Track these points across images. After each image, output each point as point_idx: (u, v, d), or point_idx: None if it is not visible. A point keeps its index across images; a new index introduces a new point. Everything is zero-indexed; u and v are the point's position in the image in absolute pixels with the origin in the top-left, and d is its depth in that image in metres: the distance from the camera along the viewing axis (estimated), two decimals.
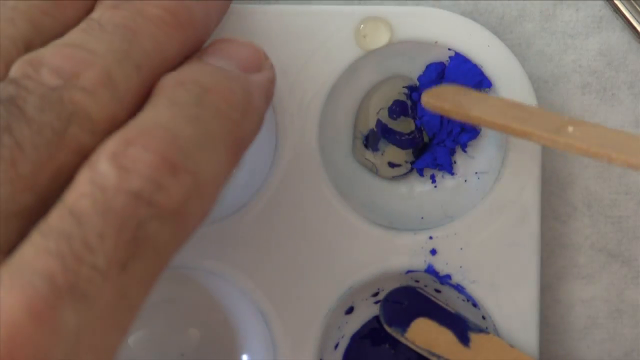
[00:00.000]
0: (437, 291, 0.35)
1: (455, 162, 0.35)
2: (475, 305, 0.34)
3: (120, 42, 0.25)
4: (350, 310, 0.35)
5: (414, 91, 0.35)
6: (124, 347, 0.34)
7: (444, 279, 0.34)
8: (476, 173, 0.35)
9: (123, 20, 0.25)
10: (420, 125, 0.35)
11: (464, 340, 0.33)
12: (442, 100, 0.32)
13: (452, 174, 0.35)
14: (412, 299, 0.34)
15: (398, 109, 0.34)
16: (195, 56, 0.27)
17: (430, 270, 0.34)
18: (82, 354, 0.21)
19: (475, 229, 0.33)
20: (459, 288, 0.34)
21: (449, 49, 0.33)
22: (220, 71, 0.26)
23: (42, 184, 0.22)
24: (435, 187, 0.35)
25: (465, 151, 0.35)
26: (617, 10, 0.35)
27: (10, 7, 0.25)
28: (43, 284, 0.20)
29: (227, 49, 0.27)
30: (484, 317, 0.34)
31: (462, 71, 0.33)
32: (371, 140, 0.35)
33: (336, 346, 0.35)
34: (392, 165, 0.35)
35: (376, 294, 0.35)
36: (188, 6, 0.27)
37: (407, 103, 0.34)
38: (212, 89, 0.25)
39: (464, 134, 0.34)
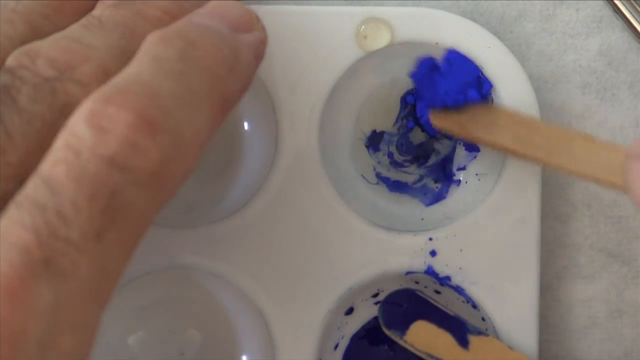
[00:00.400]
0: (437, 292, 0.35)
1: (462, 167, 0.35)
2: (474, 306, 0.34)
3: (118, 39, 0.25)
4: (350, 311, 0.35)
5: (411, 94, 0.35)
6: (124, 347, 0.34)
7: (444, 281, 0.34)
8: (477, 174, 0.35)
9: (122, 19, 0.25)
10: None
11: (463, 342, 0.33)
12: (447, 121, 0.33)
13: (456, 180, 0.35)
14: (411, 302, 0.34)
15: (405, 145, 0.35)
16: (184, 17, 0.26)
17: (430, 272, 0.34)
18: (61, 331, 0.20)
19: (475, 231, 0.34)
20: (458, 289, 0.34)
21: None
22: (207, 28, 0.25)
23: (28, 173, 0.22)
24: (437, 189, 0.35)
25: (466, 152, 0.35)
26: (617, 10, 0.35)
27: (10, 9, 0.26)
28: (18, 259, 0.20)
29: (216, 9, 0.26)
30: (483, 319, 0.34)
31: (457, 66, 0.33)
32: (372, 141, 0.35)
33: (336, 347, 0.35)
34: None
35: (376, 295, 0.35)
36: (188, 9, 0.27)
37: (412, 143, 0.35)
38: (197, 44, 0.24)
39: None
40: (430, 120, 0.34)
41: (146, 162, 0.22)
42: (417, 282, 0.35)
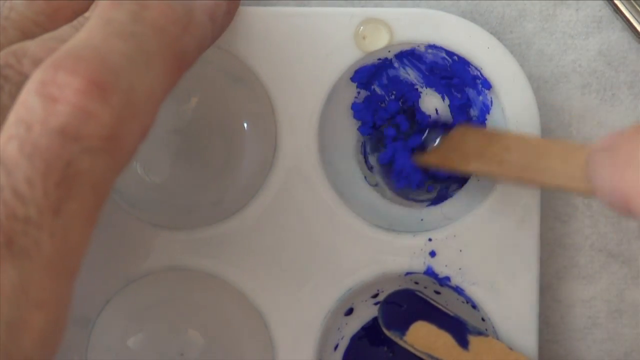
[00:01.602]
0: (437, 292, 0.35)
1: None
2: (474, 307, 0.34)
3: None
4: (349, 312, 0.35)
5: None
6: (124, 348, 0.34)
7: (443, 281, 0.34)
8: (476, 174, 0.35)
9: None
10: None
11: (463, 343, 0.33)
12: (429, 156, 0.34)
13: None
14: (410, 302, 0.34)
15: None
16: None
17: (430, 272, 0.34)
18: (30, 310, 0.20)
19: (474, 231, 0.33)
20: (458, 290, 0.34)
21: (447, 50, 0.33)
22: None
23: None
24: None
25: None
26: (617, 10, 0.35)
27: (3, 17, 0.26)
28: None
29: None
30: (483, 319, 0.34)
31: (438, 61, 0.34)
32: (371, 143, 0.35)
33: (336, 347, 0.35)
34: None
35: (376, 295, 0.35)
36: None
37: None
38: (149, 5, 0.24)
39: None
40: (415, 162, 0.34)
41: (99, 127, 0.22)
42: (416, 283, 0.35)
